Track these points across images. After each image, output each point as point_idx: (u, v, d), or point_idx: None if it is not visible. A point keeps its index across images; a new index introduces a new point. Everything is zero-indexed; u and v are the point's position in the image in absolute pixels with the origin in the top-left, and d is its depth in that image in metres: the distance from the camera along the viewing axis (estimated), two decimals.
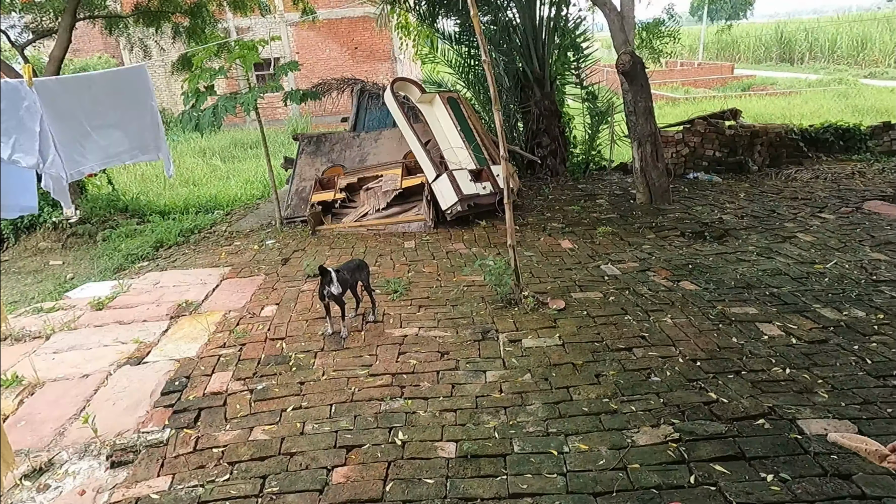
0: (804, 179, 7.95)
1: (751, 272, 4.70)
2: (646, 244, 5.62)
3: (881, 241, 5.26)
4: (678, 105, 18.81)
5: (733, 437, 2.65)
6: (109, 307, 4.77)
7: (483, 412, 3.00)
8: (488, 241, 6.03)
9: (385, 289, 4.73)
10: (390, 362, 3.56)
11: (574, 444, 2.69)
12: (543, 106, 8.61)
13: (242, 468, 2.68)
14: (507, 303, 4.28)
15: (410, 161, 6.91)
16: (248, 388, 3.37)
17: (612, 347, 3.57)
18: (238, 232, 7.08)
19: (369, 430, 2.90)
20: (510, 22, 8.57)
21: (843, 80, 22.25)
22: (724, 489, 2.34)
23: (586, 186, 8.23)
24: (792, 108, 15.86)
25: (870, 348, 3.39)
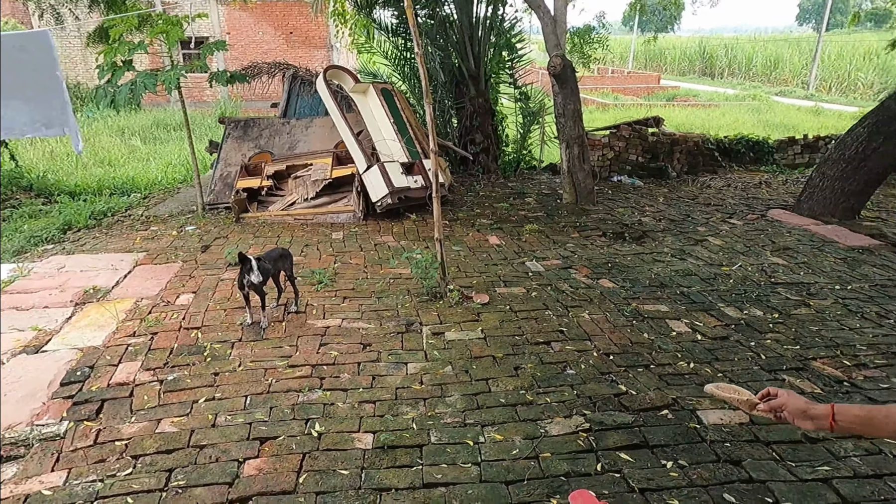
0: (717, 187, 8.44)
1: (664, 272, 4.95)
2: (570, 243, 5.80)
3: (781, 247, 5.67)
4: (608, 111, 19.50)
5: (639, 427, 2.78)
6: (6, 292, 4.42)
7: (402, 403, 3.00)
8: (417, 234, 6.03)
9: (310, 279, 4.65)
10: (311, 353, 3.50)
11: (490, 435, 2.74)
12: (477, 103, 8.70)
13: (147, 462, 2.56)
14: (432, 296, 4.31)
15: (341, 151, 6.81)
16: (158, 378, 3.22)
17: (532, 341, 3.66)
18: (156, 217, 6.73)
19: (285, 421, 2.84)
20: (447, 18, 8.59)
21: (757, 96, 23.77)
22: (628, 476, 2.46)
23: (516, 185, 8.39)
24: (711, 119, 16.78)
25: (765, 344, 3.65)
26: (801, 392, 3.09)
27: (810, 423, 1.58)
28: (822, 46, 27.68)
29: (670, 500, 2.32)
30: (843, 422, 1.53)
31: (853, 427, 1.55)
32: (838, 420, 1.53)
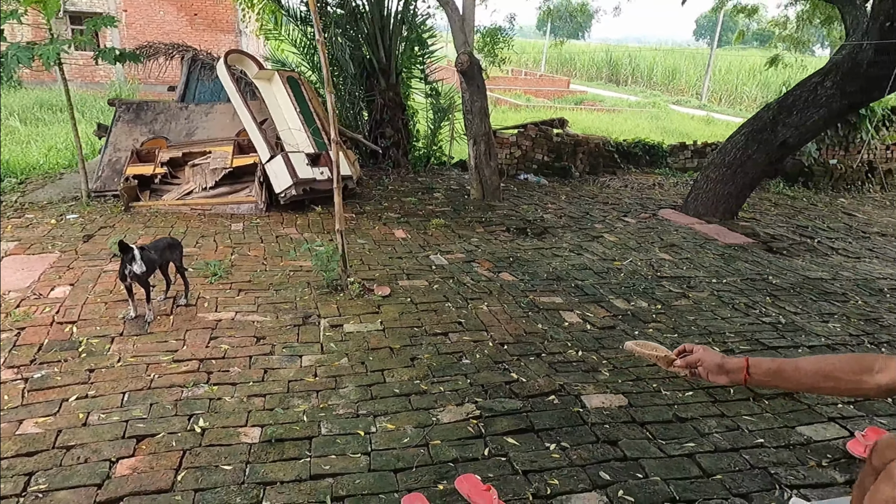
0: (616, 187, 8.91)
1: (562, 266, 5.15)
2: (474, 237, 5.91)
3: (668, 244, 6.07)
4: (520, 111, 20.05)
5: (527, 413, 2.88)
6: None
7: (294, 396, 2.94)
8: (322, 226, 5.92)
9: (203, 271, 4.44)
10: (199, 347, 3.35)
11: (382, 425, 2.74)
12: (388, 97, 8.66)
13: (3, 466, 2.34)
14: (332, 288, 4.24)
15: (243, 139, 6.55)
16: (23, 376, 2.95)
17: (430, 332, 3.70)
18: (32, 203, 6.17)
19: (166, 418, 2.70)
20: (357, 8, 8.48)
21: (656, 104, 25.32)
22: (513, 459, 2.54)
23: (426, 180, 8.44)
24: (614, 124, 17.68)
25: (647, 333, 3.89)
26: (676, 376, 3.31)
27: (725, 377, 1.63)
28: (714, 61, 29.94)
29: (551, 480, 2.42)
30: (756, 374, 1.60)
31: (765, 380, 1.62)
32: (752, 373, 1.60)
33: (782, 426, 2.90)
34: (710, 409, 3.01)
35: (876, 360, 1.49)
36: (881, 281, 5.35)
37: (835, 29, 11.77)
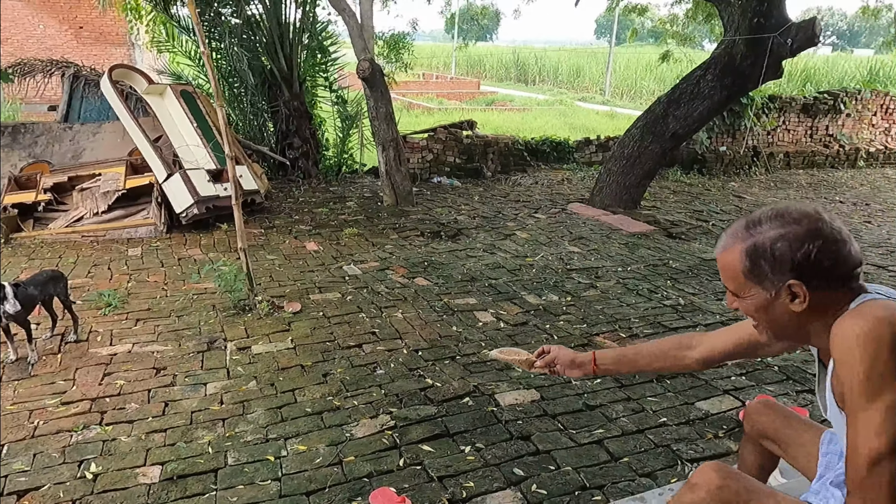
0: (527, 184, 9.14)
1: (476, 267, 5.21)
2: (388, 244, 5.87)
3: (577, 237, 6.29)
4: (433, 114, 20.17)
5: (441, 418, 2.88)
6: None
7: (198, 427, 2.79)
8: (228, 245, 5.69)
9: (96, 302, 4.14)
10: (91, 386, 3.11)
11: (293, 447, 2.65)
12: (293, 107, 8.46)
13: None
14: (240, 309, 4.08)
15: (136, 159, 6.18)
16: None
17: (343, 345, 3.63)
18: None
19: (52, 467, 2.49)
20: (254, 17, 8.23)
21: (563, 101, 26.24)
22: (428, 466, 2.53)
23: (338, 189, 8.31)
24: (525, 122, 18.15)
25: (558, 326, 4.00)
26: None
27: (578, 370, 1.77)
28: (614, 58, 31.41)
29: (466, 483, 2.42)
30: (602, 364, 1.75)
31: (612, 368, 1.78)
32: (599, 363, 1.74)
33: (683, 403, 3.06)
34: (617, 395, 3.12)
35: (692, 337, 1.68)
36: None
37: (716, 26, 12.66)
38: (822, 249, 1.16)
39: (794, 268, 1.18)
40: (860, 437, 1.13)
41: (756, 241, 1.21)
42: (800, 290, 1.19)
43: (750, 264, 1.22)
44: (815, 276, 1.18)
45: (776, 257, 1.19)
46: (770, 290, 1.22)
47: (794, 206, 1.23)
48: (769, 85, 10.44)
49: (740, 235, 1.25)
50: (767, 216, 1.22)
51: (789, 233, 1.18)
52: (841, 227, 1.20)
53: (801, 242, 1.17)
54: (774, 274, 1.20)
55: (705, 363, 1.65)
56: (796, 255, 1.17)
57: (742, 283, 1.26)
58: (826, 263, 1.17)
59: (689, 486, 1.44)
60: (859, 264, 1.20)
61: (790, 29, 6.31)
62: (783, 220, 1.20)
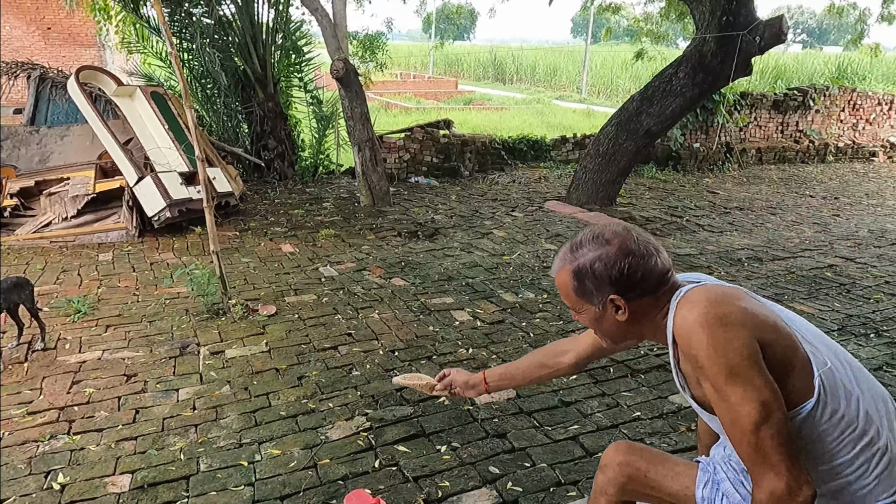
0: (504, 183, 9.17)
1: (453, 266, 5.21)
2: (365, 245, 5.84)
3: (553, 234, 6.32)
4: (411, 114, 20.13)
5: (417, 418, 2.87)
6: None
7: (170, 434, 2.74)
8: (202, 248, 5.61)
9: (64, 309, 4.06)
10: (59, 395, 3.04)
11: (267, 451, 2.62)
12: (267, 108, 8.38)
13: None
14: (213, 313, 4.02)
15: (106, 162, 6.07)
16: None
17: (319, 348, 3.60)
18: None
19: (17, 479, 2.42)
20: (225, 17, 8.13)
21: (541, 100, 26.39)
22: (403, 467, 2.52)
23: (314, 190, 8.25)
24: (502, 121, 18.21)
25: (534, 324, 4.02)
26: None
27: (473, 390, 1.88)
28: (590, 57, 31.67)
29: (441, 483, 2.42)
30: (491, 381, 1.87)
31: (500, 384, 1.90)
32: (488, 381, 1.87)
33: (656, 397, 3.09)
34: (592, 390, 3.15)
35: (560, 345, 1.83)
36: (740, 252, 5.88)
37: (688, 24, 12.83)
38: (632, 265, 1.30)
39: (611, 283, 1.32)
40: (732, 412, 1.18)
41: (579, 263, 1.35)
42: (620, 302, 1.34)
43: (577, 284, 1.36)
44: (630, 288, 1.32)
45: (596, 276, 1.33)
46: (597, 305, 1.36)
47: (608, 228, 1.37)
48: (741, 82, 10.61)
49: (567, 258, 1.38)
50: (588, 239, 1.36)
51: (604, 254, 1.32)
52: (648, 240, 1.35)
53: (614, 261, 1.31)
54: (597, 291, 1.34)
55: (576, 367, 1.79)
56: (612, 273, 1.31)
57: (575, 300, 1.40)
58: (638, 276, 1.31)
59: (600, 468, 1.62)
60: (667, 271, 1.34)
61: (758, 27, 6.42)
62: (599, 243, 1.34)
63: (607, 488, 1.60)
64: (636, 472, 1.55)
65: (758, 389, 1.16)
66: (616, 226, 1.38)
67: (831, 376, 1.26)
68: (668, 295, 1.34)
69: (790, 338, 1.27)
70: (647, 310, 1.36)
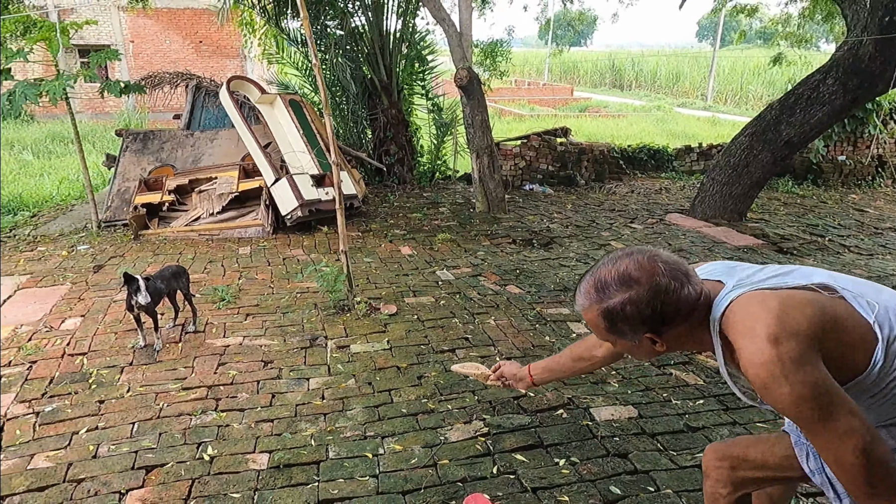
0: (622, 193, 8.88)
1: (569, 276, 5.13)
2: (480, 250, 5.91)
3: (676, 248, 6.03)
4: (525, 121, 20.10)
5: (535, 428, 2.86)
6: None
7: (302, 420, 2.94)
8: (328, 247, 5.95)
9: (211, 297, 4.48)
10: (207, 374, 3.36)
11: (390, 446, 2.73)
12: (391, 115, 8.73)
13: (15, 501, 2.36)
14: (339, 309, 4.26)
15: (248, 163, 6.63)
16: (34, 410, 2.99)
17: (437, 349, 3.69)
18: (44, 236, 6.28)
19: (175, 447, 2.71)
20: (357, 29, 8.59)
21: (661, 107, 25.27)
22: (522, 476, 2.52)
23: (431, 195, 8.47)
24: (619, 129, 17.66)
25: None
26: (686, 384, 3.29)
27: (521, 383, 2.00)
28: (717, 61, 29.86)
29: (561, 497, 2.39)
30: (536, 374, 1.98)
31: (544, 376, 1.98)
32: (533, 374, 1.98)
33: None
34: (721, 417, 2.96)
35: (592, 339, 1.84)
36: (894, 278, 5.27)
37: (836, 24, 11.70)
38: (665, 302, 1.27)
39: (644, 323, 1.30)
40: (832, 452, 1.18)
41: (608, 305, 1.31)
42: (655, 338, 1.33)
43: (608, 325, 1.34)
44: (664, 323, 1.30)
45: (629, 319, 1.30)
46: (633, 340, 1.35)
47: (632, 260, 1.30)
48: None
49: (593, 297, 1.34)
50: (613, 279, 1.30)
51: (634, 296, 1.27)
52: (677, 265, 1.30)
53: (646, 303, 1.27)
54: (631, 331, 1.33)
55: (611, 358, 1.83)
56: (644, 314, 1.28)
57: (607, 336, 1.39)
58: (671, 311, 1.28)
59: (704, 477, 1.67)
60: (699, 295, 1.30)
61: None
62: (625, 283, 1.28)
63: (718, 489, 1.62)
64: (736, 460, 1.58)
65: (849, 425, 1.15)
66: (640, 255, 1.31)
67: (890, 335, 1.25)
68: (702, 312, 1.32)
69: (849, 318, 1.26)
70: (684, 332, 1.34)
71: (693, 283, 1.30)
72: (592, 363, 1.87)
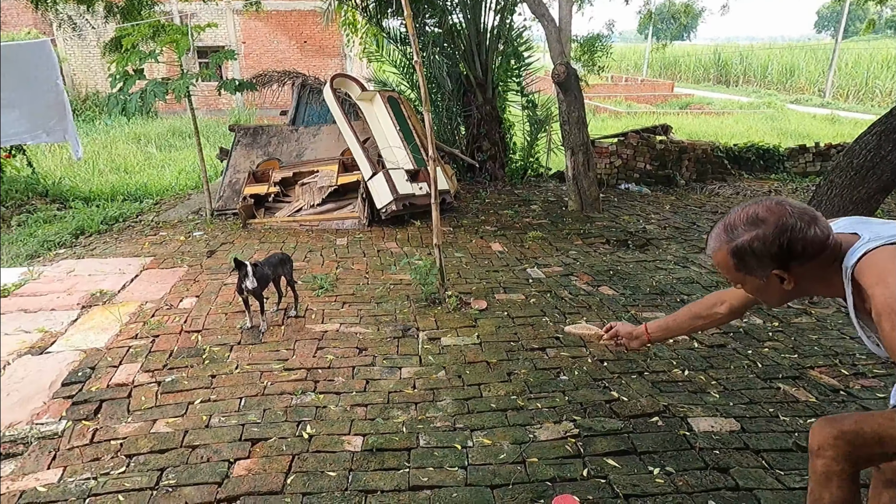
0: (726, 195, 8.40)
1: (666, 280, 4.93)
2: (572, 250, 5.80)
3: None
4: (620, 118, 19.47)
5: (628, 434, 2.78)
6: (15, 294, 4.53)
7: (394, 407, 3.03)
8: (421, 241, 6.07)
9: (311, 284, 4.70)
10: (307, 357, 3.54)
11: (478, 439, 2.76)
12: (485, 111, 8.75)
13: (140, 461, 2.61)
14: (430, 302, 4.34)
15: (347, 158, 6.89)
16: (157, 380, 3.28)
17: (527, 347, 3.67)
18: (165, 222, 6.86)
19: (277, 423, 2.88)
20: (455, 26, 8.67)
21: (772, 104, 23.58)
22: (613, 482, 2.46)
23: (523, 192, 8.41)
24: (724, 127, 16.68)
25: (762, 353, 3.62)
26: (795, 400, 3.07)
27: (636, 341, 2.08)
28: (839, 54, 27.41)
29: None
30: (653, 332, 2.06)
31: (660, 334, 2.07)
32: (650, 331, 2.06)
33: None
34: None
35: (720, 295, 1.94)
36: None
37: None
38: (791, 239, 1.36)
39: (773, 259, 1.40)
40: None
41: (737, 244, 1.42)
42: (784, 275, 1.42)
43: (738, 262, 1.44)
44: (792, 260, 1.39)
45: (757, 255, 1.40)
46: (761, 278, 1.45)
47: (761, 205, 1.41)
48: None
49: (723, 238, 1.45)
50: (741, 220, 1.42)
51: (761, 233, 1.38)
52: (804, 209, 1.39)
53: (773, 238, 1.37)
54: (759, 267, 1.43)
55: (732, 316, 1.92)
56: (772, 250, 1.38)
57: (736, 275, 1.49)
58: (798, 248, 1.37)
59: (814, 455, 1.52)
60: (827, 237, 1.37)
61: None
62: (753, 223, 1.39)
63: (833, 466, 1.49)
64: (853, 434, 1.46)
65: None
66: (768, 200, 1.42)
67: None
68: (834, 254, 1.39)
69: None
70: (814, 273, 1.41)
71: (821, 226, 1.37)
72: (712, 320, 1.94)
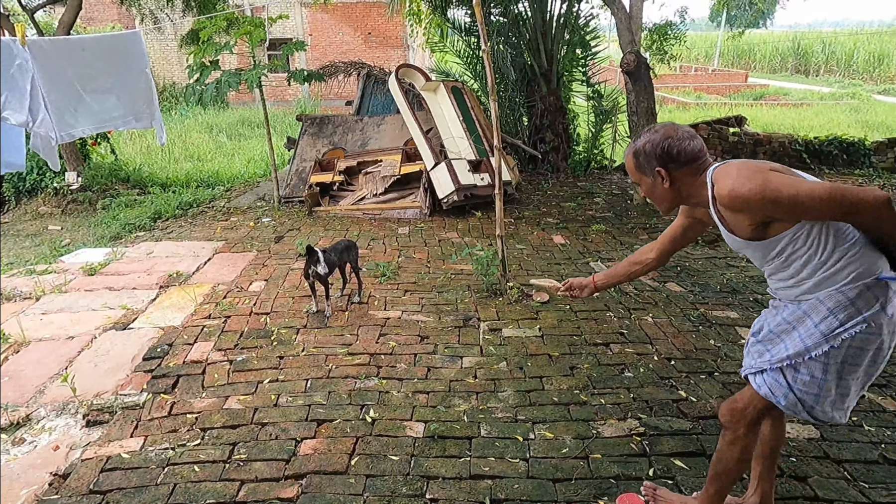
0: None
1: (738, 278, 4.72)
2: (637, 244, 5.63)
3: None
4: (689, 110, 18.77)
5: (696, 435, 2.69)
6: (101, 273, 4.83)
7: (455, 396, 3.04)
8: (481, 231, 6.06)
9: (374, 272, 4.78)
10: (370, 343, 3.61)
11: (540, 432, 2.73)
12: (549, 102, 8.61)
13: (214, 434, 2.73)
14: (491, 292, 4.32)
15: (411, 148, 6.94)
16: (228, 358, 3.42)
17: (590, 342, 3.61)
18: (236, 208, 7.13)
19: (342, 406, 2.95)
20: (520, 15, 8.55)
21: (857, 94, 22.11)
22: (681, 483, 2.38)
23: (586, 184, 8.24)
24: (802, 119, 15.80)
25: None
26: (882, 409, 2.88)
27: (586, 290, 2.40)
28: None
29: None
30: (598, 280, 2.38)
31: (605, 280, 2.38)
32: (596, 280, 2.38)
33: None
34: None
35: (650, 245, 2.28)
36: None
37: None
38: (671, 145, 1.76)
39: (656, 158, 1.79)
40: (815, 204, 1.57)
41: (637, 146, 1.84)
42: (664, 173, 1.80)
43: (635, 160, 1.86)
44: (670, 161, 1.78)
45: (647, 155, 1.81)
46: (650, 176, 1.83)
47: (660, 123, 1.85)
48: None
49: (630, 145, 1.89)
50: (644, 132, 1.85)
51: (653, 138, 1.80)
52: (689, 131, 1.79)
53: (659, 142, 1.78)
54: (647, 165, 1.82)
55: (661, 259, 2.25)
56: (657, 151, 1.78)
57: (635, 174, 1.88)
58: (674, 152, 1.76)
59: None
60: (700, 149, 1.77)
61: None
62: (651, 132, 1.83)
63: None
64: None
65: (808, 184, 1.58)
66: (668, 123, 1.85)
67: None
68: (700, 169, 1.77)
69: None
70: (685, 179, 1.79)
71: (697, 143, 1.77)
72: (645, 265, 2.26)
